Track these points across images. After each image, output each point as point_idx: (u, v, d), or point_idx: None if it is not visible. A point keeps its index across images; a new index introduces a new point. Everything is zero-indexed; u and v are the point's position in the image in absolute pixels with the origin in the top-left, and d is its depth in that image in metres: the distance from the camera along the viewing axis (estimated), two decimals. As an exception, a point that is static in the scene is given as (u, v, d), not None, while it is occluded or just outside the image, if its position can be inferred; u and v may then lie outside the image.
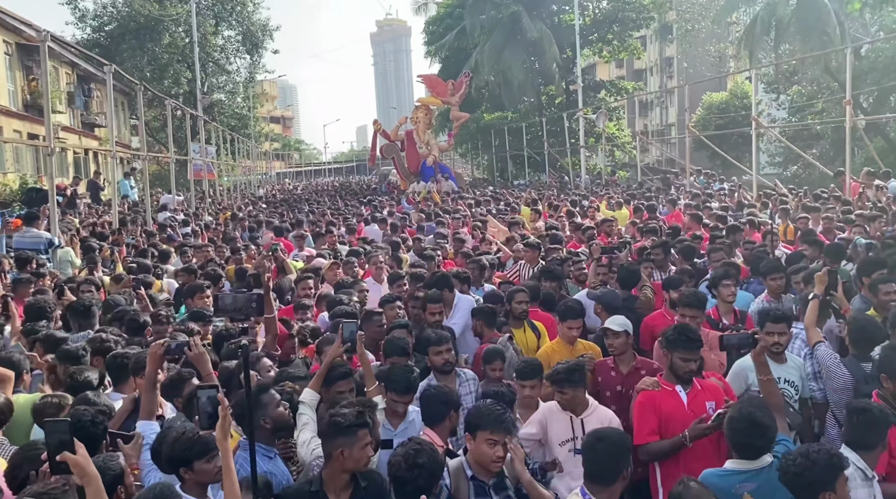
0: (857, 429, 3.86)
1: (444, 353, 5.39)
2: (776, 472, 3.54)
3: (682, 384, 4.62)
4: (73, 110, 33.47)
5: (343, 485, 3.61)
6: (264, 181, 49.40)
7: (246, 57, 45.34)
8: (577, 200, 18.75)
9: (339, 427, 3.58)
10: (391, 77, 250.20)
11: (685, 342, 4.61)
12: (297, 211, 20.67)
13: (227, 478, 3.33)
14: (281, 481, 3.91)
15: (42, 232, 11.31)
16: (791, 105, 36.34)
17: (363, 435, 3.60)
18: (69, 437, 2.90)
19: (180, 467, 3.55)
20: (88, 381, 4.80)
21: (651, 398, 4.62)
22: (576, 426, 4.66)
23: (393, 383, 4.61)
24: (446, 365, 5.39)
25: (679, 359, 4.61)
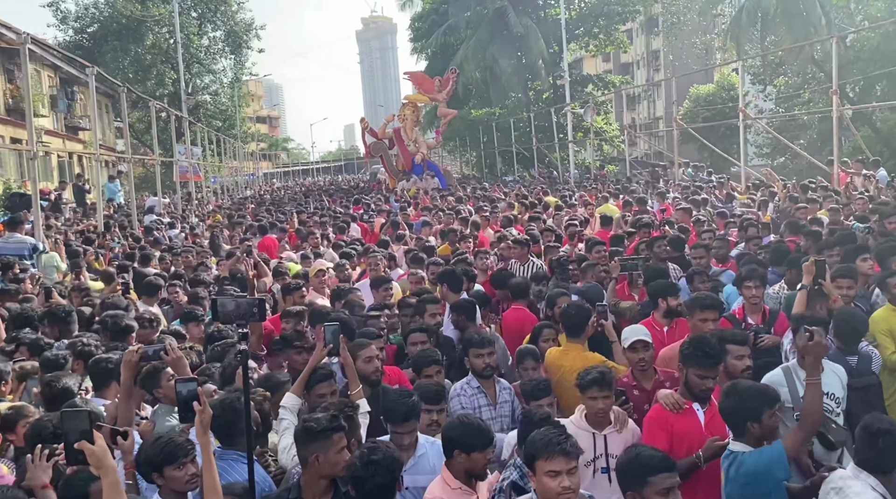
0: (877, 451, 3.39)
1: (485, 356, 5.11)
2: None
3: (698, 402, 4.28)
4: (57, 114, 33.14)
5: (321, 491, 3.53)
6: (251, 182, 49.13)
7: (231, 57, 45.09)
8: (565, 197, 18.64)
9: (312, 433, 3.51)
10: (378, 75, 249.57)
11: (701, 358, 4.24)
12: (283, 211, 20.50)
13: (208, 473, 3.34)
14: (263, 488, 3.84)
15: (26, 237, 11.25)
16: (778, 96, 36.40)
17: (338, 439, 3.53)
18: (89, 427, 2.88)
19: (152, 472, 3.54)
20: (67, 388, 4.69)
21: (663, 415, 4.27)
22: (598, 444, 4.31)
23: (388, 412, 4.17)
24: (487, 369, 5.12)
25: (695, 375, 4.25)
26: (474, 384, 5.12)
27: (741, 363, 4.62)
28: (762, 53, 32.50)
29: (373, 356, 4.90)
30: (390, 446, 3.49)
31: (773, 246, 8.12)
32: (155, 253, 11.35)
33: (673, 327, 5.96)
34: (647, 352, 4.96)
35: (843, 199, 12.03)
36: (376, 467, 3.30)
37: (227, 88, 46.06)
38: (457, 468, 3.72)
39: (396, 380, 5.27)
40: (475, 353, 5.13)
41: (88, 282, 9.24)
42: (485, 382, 5.15)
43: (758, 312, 6.03)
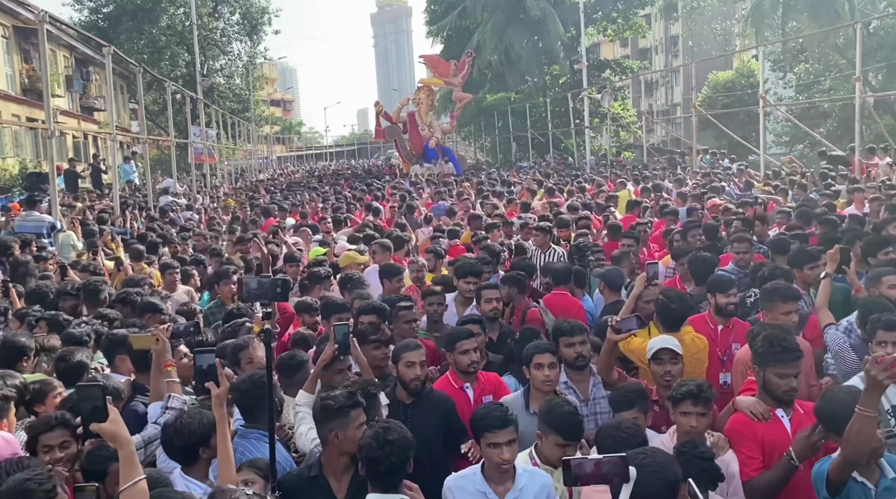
0: None
1: (577, 345, 4.58)
2: None
3: (782, 406, 3.81)
4: (72, 94, 33.13)
5: (343, 468, 3.57)
6: (265, 165, 49.07)
7: (245, 40, 44.93)
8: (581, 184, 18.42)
9: (330, 410, 3.55)
10: (392, 58, 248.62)
11: (780, 353, 3.75)
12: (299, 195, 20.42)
13: (222, 444, 3.41)
14: (284, 467, 3.84)
15: (44, 215, 11.34)
16: (798, 83, 35.93)
17: (356, 415, 3.56)
18: (102, 402, 2.82)
19: (200, 447, 3.57)
20: (81, 363, 4.66)
21: (748, 425, 3.76)
22: None
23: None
24: (580, 359, 4.59)
25: (775, 376, 3.76)
26: (563, 379, 4.60)
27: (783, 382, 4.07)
28: (783, 39, 32.03)
29: (415, 361, 4.42)
30: (403, 426, 3.42)
31: (774, 239, 7.72)
32: (172, 233, 11.30)
33: (728, 327, 5.30)
34: (675, 365, 4.41)
35: (864, 188, 11.77)
36: (391, 447, 3.24)
37: (241, 71, 45.91)
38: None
39: (492, 389, 4.80)
40: (566, 342, 4.60)
41: (105, 261, 9.26)
42: (576, 375, 4.64)
43: None
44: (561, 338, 4.64)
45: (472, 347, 4.72)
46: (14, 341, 4.96)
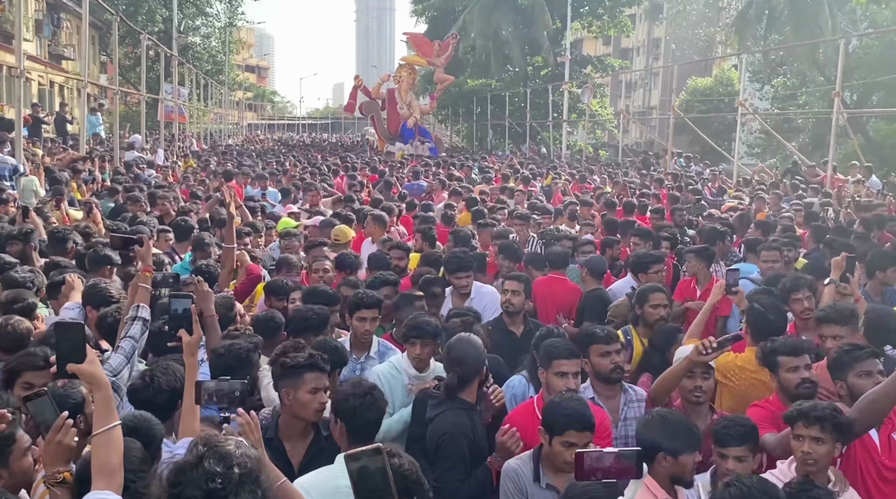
0: None
1: (613, 354, 4.01)
2: None
3: None
4: (41, 39, 32.01)
5: (298, 433, 3.45)
6: (235, 131, 48.25)
7: (225, 0, 43.97)
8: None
9: (284, 367, 3.43)
10: (373, 34, 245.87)
11: (859, 354, 3.64)
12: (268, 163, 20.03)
13: (188, 395, 3.26)
14: None
15: (7, 157, 10.93)
16: (775, 96, 36.35)
17: (311, 378, 3.37)
18: (82, 342, 2.77)
19: (176, 402, 3.46)
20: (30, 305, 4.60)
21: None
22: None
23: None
24: (616, 371, 4.00)
25: (856, 377, 3.59)
26: (588, 394, 3.94)
27: (795, 376, 3.83)
28: (765, 49, 32.32)
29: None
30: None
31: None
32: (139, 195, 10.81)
33: None
34: (707, 381, 3.92)
35: (835, 203, 11.91)
36: (372, 398, 3.25)
37: (218, 32, 44.92)
38: (661, 475, 3.19)
39: None
40: (600, 350, 4.01)
41: (69, 210, 8.98)
42: (606, 389, 4.04)
43: (810, 329, 4.91)
44: (594, 346, 4.03)
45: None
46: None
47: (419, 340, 4.27)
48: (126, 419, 2.96)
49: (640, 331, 5.29)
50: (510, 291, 5.50)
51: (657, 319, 5.17)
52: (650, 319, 5.20)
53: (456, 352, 3.86)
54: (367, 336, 4.73)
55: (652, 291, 5.32)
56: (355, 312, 4.75)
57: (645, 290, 5.38)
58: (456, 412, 3.75)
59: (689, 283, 6.60)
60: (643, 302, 5.24)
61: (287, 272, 6.31)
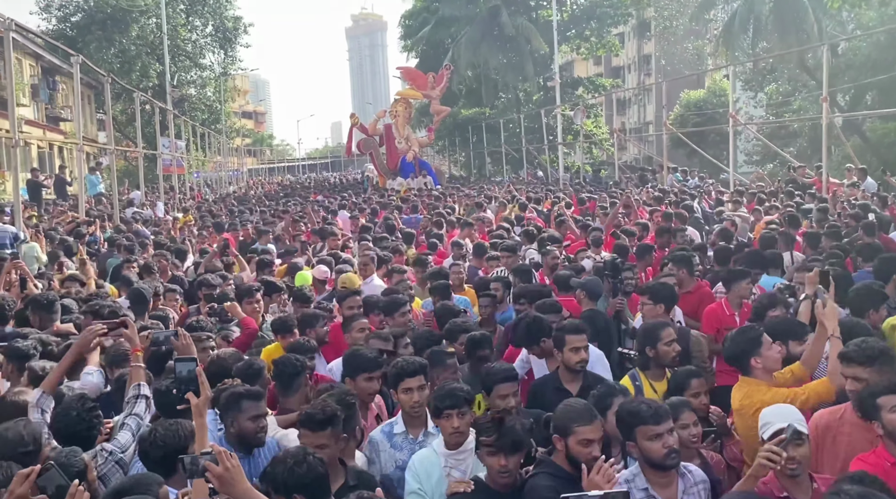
0: None
1: (665, 435, 3.34)
2: None
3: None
4: (38, 103, 32.44)
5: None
6: (235, 178, 48.58)
7: (219, 51, 44.46)
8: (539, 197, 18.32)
9: (231, 396, 3.88)
10: (367, 72, 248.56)
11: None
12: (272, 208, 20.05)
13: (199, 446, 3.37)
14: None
15: (7, 226, 10.97)
16: (768, 103, 36.41)
17: (248, 407, 3.82)
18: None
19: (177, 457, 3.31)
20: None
21: None
22: None
23: None
24: (671, 457, 3.34)
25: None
26: (640, 484, 3.36)
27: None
28: (753, 59, 32.44)
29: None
30: (314, 456, 3.15)
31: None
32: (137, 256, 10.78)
33: None
34: (800, 447, 3.33)
35: (831, 207, 11.86)
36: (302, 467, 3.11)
37: (213, 82, 45.38)
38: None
39: None
40: (649, 433, 3.34)
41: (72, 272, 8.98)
42: (660, 477, 3.38)
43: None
44: (640, 427, 3.36)
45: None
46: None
47: (454, 410, 3.73)
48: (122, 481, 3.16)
49: (650, 374, 4.70)
50: (582, 348, 4.66)
51: (673, 357, 4.66)
52: (666, 359, 4.65)
53: None
54: (418, 409, 4.08)
55: (662, 327, 4.76)
56: (399, 384, 4.12)
57: (654, 326, 4.81)
58: None
59: (722, 308, 6.07)
60: (655, 341, 4.65)
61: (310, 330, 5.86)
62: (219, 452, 2.89)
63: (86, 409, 3.79)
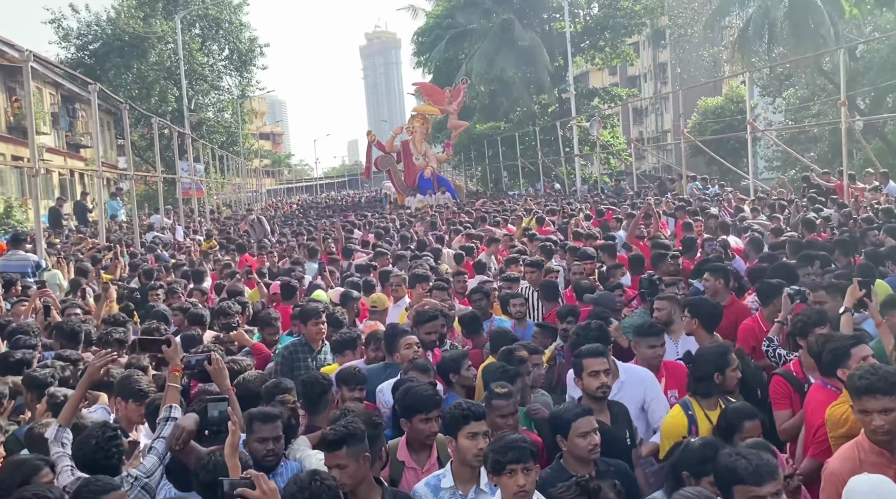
0: None
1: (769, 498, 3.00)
2: None
3: None
4: (58, 131, 32.89)
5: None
6: (254, 199, 48.87)
7: (235, 74, 44.97)
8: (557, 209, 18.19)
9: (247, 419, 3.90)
10: (381, 90, 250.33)
11: None
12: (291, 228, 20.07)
13: None
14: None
15: (29, 255, 11.05)
16: (787, 108, 36.08)
17: (257, 429, 3.84)
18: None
19: None
20: None
21: None
22: None
23: None
24: None
25: None
26: None
27: None
28: (770, 65, 32.17)
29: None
30: (330, 480, 3.17)
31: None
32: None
33: None
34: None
35: (854, 212, 11.64)
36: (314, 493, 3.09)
37: (230, 105, 45.86)
38: None
39: None
40: (749, 493, 2.98)
41: (91, 300, 9.00)
42: None
43: None
44: (738, 487, 3.00)
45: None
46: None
47: (519, 465, 3.20)
48: None
49: (704, 403, 4.24)
50: (601, 372, 4.25)
51: (735, 384, 4.32)
52: (731, 385, 4.29)
53: None
54: (479, 459, 3.58)
55: (729, 351, 4.42)
56: (462, 428, 3.63)
57: (722, 351, 4.44)
58: None
59: (758, 324, 5.79)
60: (724, 366, 4.25)
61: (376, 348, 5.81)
62: (256, 477, 3.02)
63: (105, 437, 3.74)
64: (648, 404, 4.63)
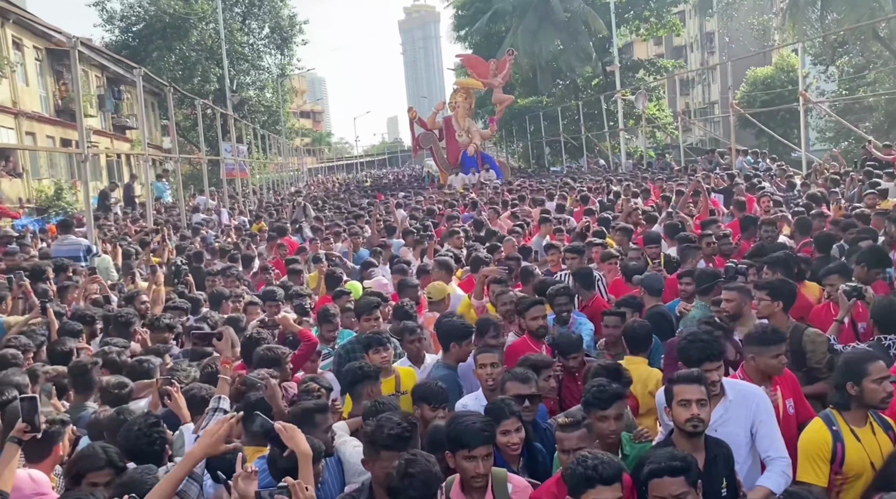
0: None
1: None
2: None
3: None
4: (104, 113, 33.37)
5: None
6: (296, 178, 49.13)
7: (276, 53, 45.04)
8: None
9: (297, 415, 3.83)
10: (421, 65, 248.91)
11: None
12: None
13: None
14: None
15: (80, 239, 11.06)
16: (841, 77, 34.82)
17: (321, 420, 3.82)
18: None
19: None
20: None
21: None
22: None
23: None
24: None
25: None
26: None
27: None
28: (823, 34, 31.01)
29: None
30: (428, 459, 3.20)
31: None
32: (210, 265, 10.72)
33: None
34: None
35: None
36: (412, 480, 3.10)
37: (271, 84, 46.01)
38: None
39: None
40: None
41: (140, 283, 9.10)
42: None
43: None
44: None
45: None
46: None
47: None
48: None
49: (849, 417, 3.73)
50: (694, 402, 3.62)
51: (883, 399, 3.68)
52: (873, 399, 3.68)
53: None
54: None
55: (870, 360, 3.76)
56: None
57: (863, 357, 3.82)
58: None
59: (829, 311, 5.51)
60: (859, 376, 3.68)
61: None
62: (292, 484, 3.02)
63: (148, 424, 3.80)
64: (757, 427, 3.94)
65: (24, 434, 3.45)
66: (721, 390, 3.96)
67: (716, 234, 8.06)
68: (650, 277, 6.70)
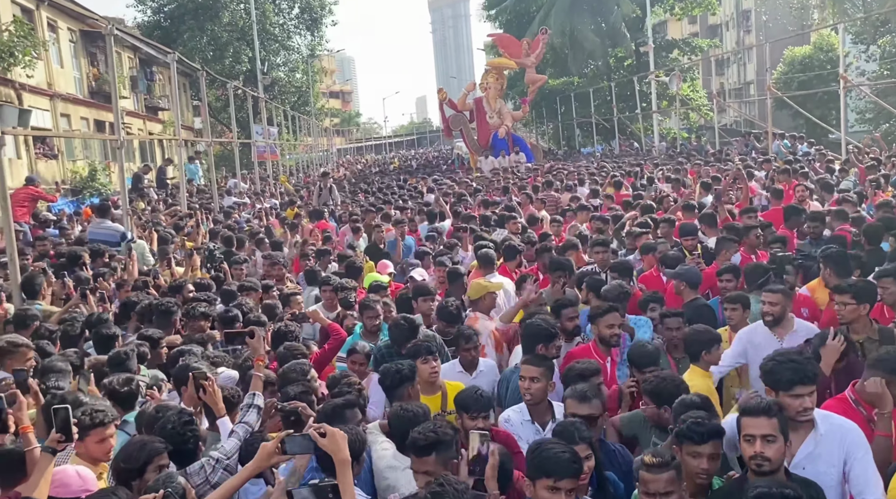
0: None
1: None
2: None
3: None
4: (137, 95, 33.62)
5: None
6: (325, 158, 49.21)
7: (306, 33, 45.03)
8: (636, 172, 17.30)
9: (326, 412, 3.94)
10: (450, 44, 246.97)
11: None
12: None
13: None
14: None
15: (116, 224, 11.04)
16: (882, 57, 33.83)
17: (352, 415, 3.93)
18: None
19: None
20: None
21: None
22: None
23: None
24: None
25: None
26: None
27: None
28: (865, 15, 30.08)
29: None
30: (458, 487, 2.99)
31: None
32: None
33: None
34: None
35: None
36: None
37: (301, 64, 46.02)
38: None
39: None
40: None
41: (175, 268, 9.19)
42: None
43: None
44: None
45: None
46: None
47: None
48: None
49: None
50: (758, 437, 3.25)
51: None
52: None
53: None
54: None
55: None
56: None
57: None
58: None
59: (881, 312, 5.26)
60: None
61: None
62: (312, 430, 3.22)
63: (181, 422, 3.85)
64: (851, 465, 3.45)
65: (58, 445, 3.44)
66: (812, 421, 3.51)
67: (761, 225, 7.92)
68: (689, 270, 6.56)
